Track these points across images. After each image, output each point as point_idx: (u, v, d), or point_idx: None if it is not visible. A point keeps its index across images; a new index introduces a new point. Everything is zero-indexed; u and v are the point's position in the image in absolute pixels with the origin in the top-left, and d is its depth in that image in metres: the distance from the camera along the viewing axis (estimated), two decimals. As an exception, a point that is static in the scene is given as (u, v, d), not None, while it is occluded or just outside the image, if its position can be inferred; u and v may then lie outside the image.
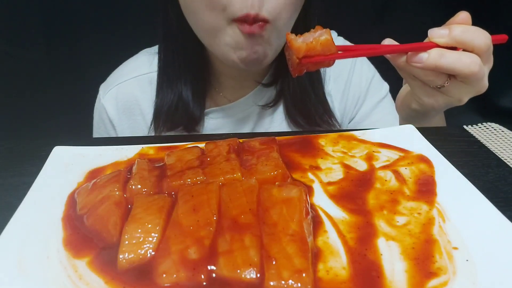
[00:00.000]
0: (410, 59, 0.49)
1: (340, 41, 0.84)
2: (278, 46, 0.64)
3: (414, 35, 0.52)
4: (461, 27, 0.48)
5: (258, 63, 0.62)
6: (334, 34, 0.83)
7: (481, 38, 0.48)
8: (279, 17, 0.59)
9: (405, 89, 0.62)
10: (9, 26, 1.13)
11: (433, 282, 0.31)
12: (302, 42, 0.47)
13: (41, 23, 1.15)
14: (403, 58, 0.50)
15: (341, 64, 0.80)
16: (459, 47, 0.48)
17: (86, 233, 0.37)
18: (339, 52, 0.49)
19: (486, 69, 0.50)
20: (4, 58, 1.15)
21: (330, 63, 0.50)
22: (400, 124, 0.65)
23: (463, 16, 0.50)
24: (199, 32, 0.64)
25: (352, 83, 0.81)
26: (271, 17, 0.58)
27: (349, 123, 0.83)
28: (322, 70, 0.78)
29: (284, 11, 0.59)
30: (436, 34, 0.49)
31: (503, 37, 0.51)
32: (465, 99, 0.53)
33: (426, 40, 0.50)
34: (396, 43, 0.51)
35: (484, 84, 0.51)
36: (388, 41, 0.52)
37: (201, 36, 0.65)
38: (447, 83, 0.50)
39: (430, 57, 0.48)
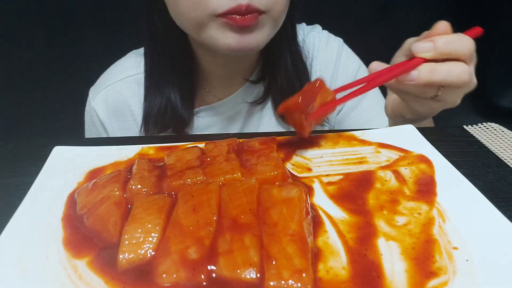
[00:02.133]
0: (401, 78, 0.49)
1: (338, 42, 0.84)
2: (272, 34, 0.64)
3: (414, 34, 0.53)
4: (444, 38, 0.48)
5: (248, 49, 0.61)
6: (318, 28, 0.84)
7: (464, 45, 0.48)
8: (273, 7, 0.58)
9: (392, 99, 0.62)
10: (9, 26, 1.13)
11: (433, 282, 0.31)
12: (295, 97, 0.46)
13: (41, 23, 1.15)
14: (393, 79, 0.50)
15: (326, 57, 0.81)
16: (446, 58, 0.48)
17: (86, 233, 0.37)
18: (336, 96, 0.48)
19: (473, 69, 0.50)
20: (4, 58, 1.15)
21: (333, 109, 0.49)
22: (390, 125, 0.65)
23: (442, 26, 0.49)
24: (187, 29, 0.64)
25: (338, 75, 0.81)
26: (264, 8, 0.57)
27: (337, 114, 0.83)
28: (308, 64, 0.78)
29: (277, 1, 0.59)
30: (421, 49, 0.48)
31: (477, 30, 0.51)
32: (458, 101, 0.54)
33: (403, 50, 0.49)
34: (383, 65, 0.50)
35: (474, 82, 0.51)
36: (375, 65, 0.51)
37: (189, 32, 0.64)
38: (440, 92, 0.51)
39: (421, 74, 0.48)
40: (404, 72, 0.48)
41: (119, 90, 0.78)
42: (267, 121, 0.79)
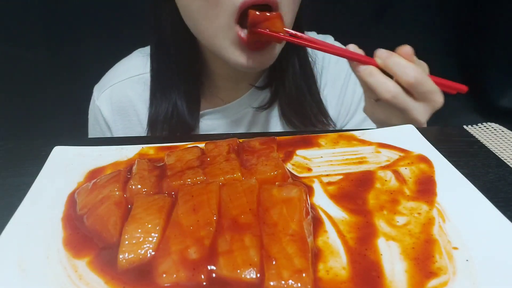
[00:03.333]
0: (354, 65, 0.55)
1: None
2: (279, 49, 0.64)
3: (414, 35, 0.53)
4: (395, 58, 0.54)
5: (258, 68, 0.62)
6: (330, 39, 0.84)
7: (406, 73, 0.53)
8: (286, 6, 0.59)
9: None
10: (9, 26, 1.13)
11: (433, 282, 0.31)
12: (253, 12, 0.55)
13: (41, 23, 1.15)
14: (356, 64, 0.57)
15: (337, 69, 0.81)
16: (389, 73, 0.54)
17: (86, 233, 0.37)
18: (288, 35, 0.57)
19: (417, 105, 0.54)
20: (4, 58, 1.15)
21: (278, 40, 0.58)
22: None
23: (405, 49, 0.55)
24: (200, 36, 0.64)
25: (348, 88, 0.82)
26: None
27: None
28: (317, 73, 0.78)
29: (291, 4, 0.60)
30: (378, 53, 0.55)
31: (460, 87, 0.56)
32: (391, 121, 0.57)
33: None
34: (357, 49, 0.57)
35: (411, 118, 0.55)
36: (352, 46, 0.57)
37: (203, 39, 0.64)
38: (377, 100, 0.56)
39: (365, 70, 0.55)
40: (358, 60, 0.56)
41: (124, 90, 0.78)
42: (273, 127, 0.79)
